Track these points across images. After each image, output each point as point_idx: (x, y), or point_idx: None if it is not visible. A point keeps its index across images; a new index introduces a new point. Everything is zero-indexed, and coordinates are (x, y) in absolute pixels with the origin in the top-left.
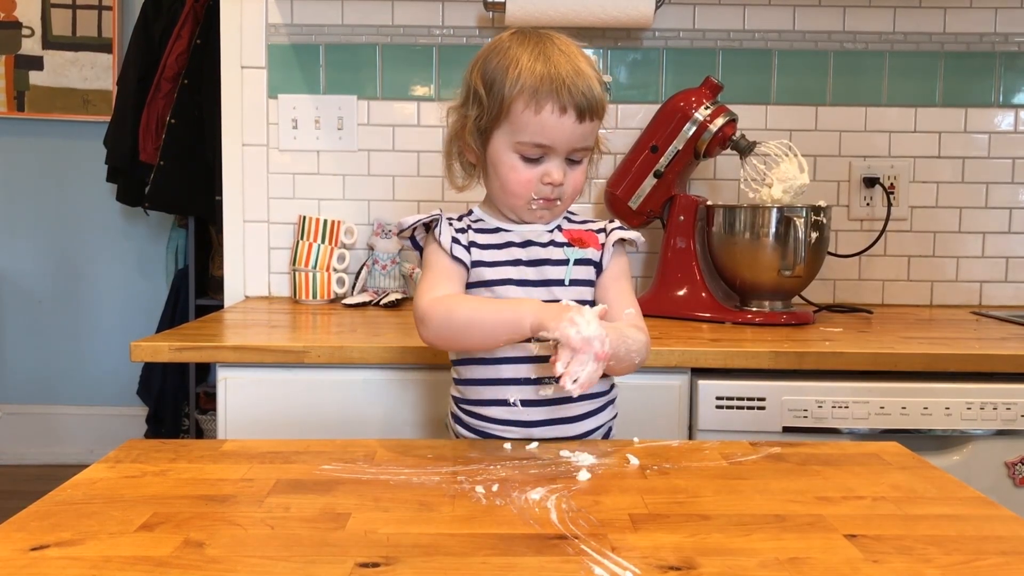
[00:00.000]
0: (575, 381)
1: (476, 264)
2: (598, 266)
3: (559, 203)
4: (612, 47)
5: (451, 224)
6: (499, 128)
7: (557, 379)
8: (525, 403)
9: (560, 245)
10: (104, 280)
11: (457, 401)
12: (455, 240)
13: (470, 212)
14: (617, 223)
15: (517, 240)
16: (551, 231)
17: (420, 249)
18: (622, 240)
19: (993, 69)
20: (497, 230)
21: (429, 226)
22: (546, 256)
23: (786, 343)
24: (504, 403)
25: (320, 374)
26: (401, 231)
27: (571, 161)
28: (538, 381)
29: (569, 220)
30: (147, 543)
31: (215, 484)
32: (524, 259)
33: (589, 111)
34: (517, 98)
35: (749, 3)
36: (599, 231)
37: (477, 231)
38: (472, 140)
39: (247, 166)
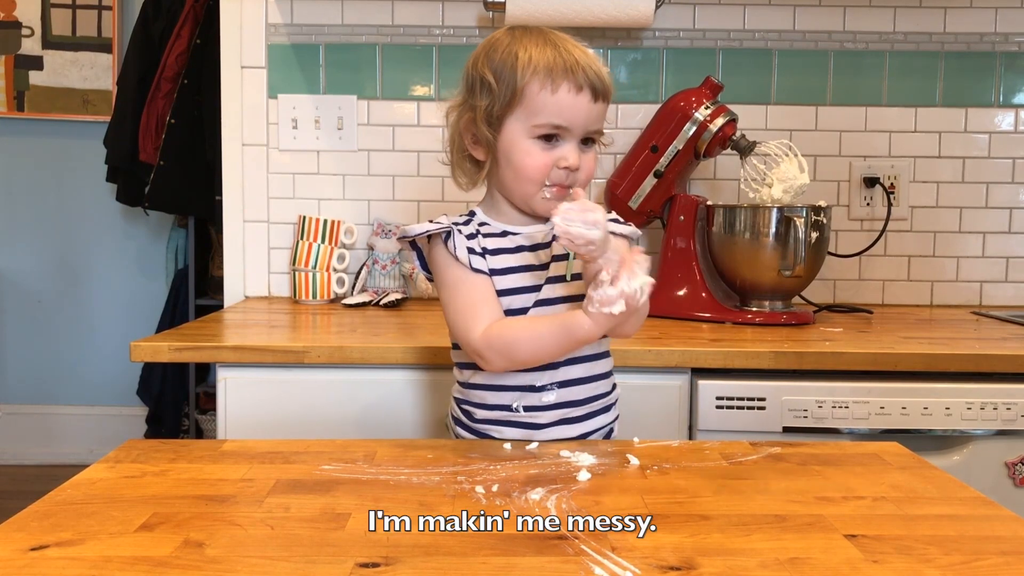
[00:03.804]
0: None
1: (491, 273)
2: None
3: (570, 192)
4: (612, 47)
5: (461, 232)
6: (512, 114)
7: (560, 384)
8: (528, 409)
9: None
10: (104, 280)
11: (459, 402)
12: (471, 251)
13: (472, 214)
14: (612, 215)
15: (527, 244)
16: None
17: (418, 250)
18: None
19: (993, 69)
20: (504, 234)
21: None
22: (554, 255)
23: (786, 343)
24: (507, 408)
25: (320, 374)
26: (404, 237)
27: (583, 147)
28: (542, 388)
29: None
30: (147, 543)
31: (215, 484)
32: (536, 264)
33: (602, 92)
34: (532, 80)
35: (749, 3)
36: None
37: (486, 236)
38: (483, 130)
39: (247, 166)
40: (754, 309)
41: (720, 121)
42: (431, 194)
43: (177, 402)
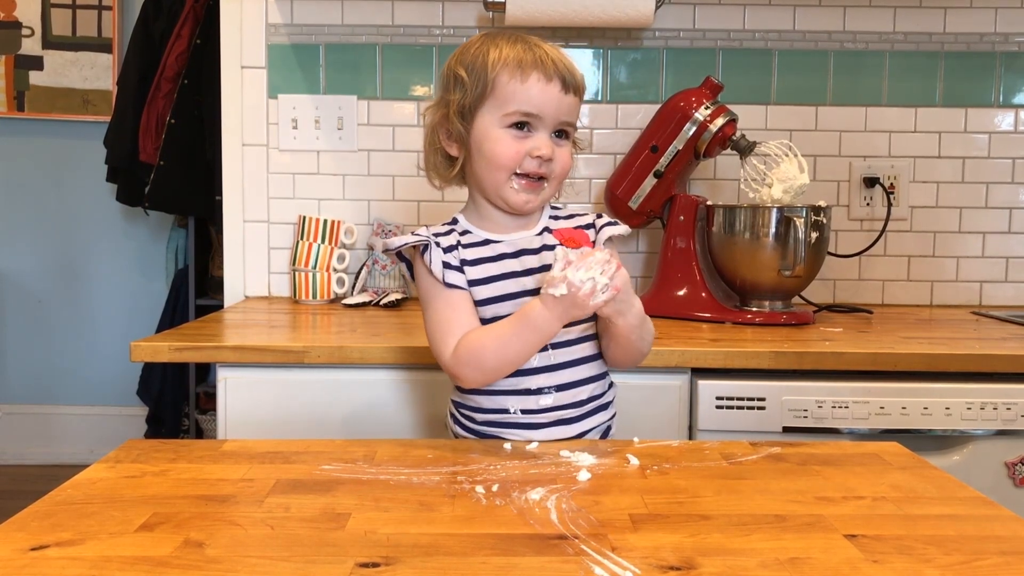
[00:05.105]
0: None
1: (472, 284)
2: None
3: (545, 185)
4: (612, 47)
5: (439, 245)
6: (484, 106)
7: (557, 388)
8: (525, 412)
9: (552, 247)
10: (104, 280)
11: (457, 406)
12: (447, 264)
13: (455, 221)
14: (605, 218)
15: (509, 251)
16: (540, 234)
17: (407, 261)
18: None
19: (993, 69)
20: (487, 242)
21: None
22: (540, 263)
23: (786, 343)
24: (504, 411)
25: (320, 374)
26: (387, 250)
27: (557, 139)
28: (538, 392)
29: (555, 218)
30: (147, 543)
31: (215, 484)
32: (519, 270)
33: (573, 85)
34: (502, 71)
35: (749, 3)
36: (588, 226)
37: (467, 246)
38: (456, 123)
39: (247, 166)
40: (754, 309)
41: (720, 121)
42: (431, 194)
43: (177, 402)
